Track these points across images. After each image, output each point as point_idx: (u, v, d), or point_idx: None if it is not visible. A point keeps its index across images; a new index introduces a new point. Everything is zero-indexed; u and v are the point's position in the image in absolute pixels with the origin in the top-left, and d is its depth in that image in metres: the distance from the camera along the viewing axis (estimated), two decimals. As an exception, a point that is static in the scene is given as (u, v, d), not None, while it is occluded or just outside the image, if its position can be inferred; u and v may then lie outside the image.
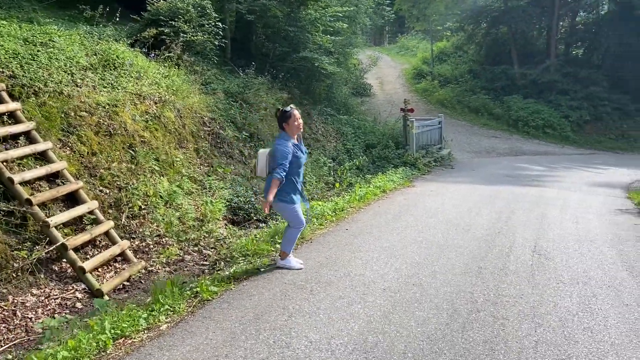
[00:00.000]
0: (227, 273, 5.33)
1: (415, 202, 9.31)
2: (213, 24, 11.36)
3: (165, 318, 4.36)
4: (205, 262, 6.65)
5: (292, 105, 5.42)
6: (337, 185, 10.90)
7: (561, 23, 27.53)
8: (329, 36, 14.57)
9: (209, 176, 8.71)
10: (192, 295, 4.76)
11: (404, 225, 7.47)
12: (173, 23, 10.45)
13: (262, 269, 5.50)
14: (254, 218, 8.35)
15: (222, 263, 6.17)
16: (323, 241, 6.65)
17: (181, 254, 6.82)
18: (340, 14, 14.69)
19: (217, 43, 11.47)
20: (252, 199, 8.53)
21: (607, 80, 24.15)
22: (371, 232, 7.07)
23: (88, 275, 5.60)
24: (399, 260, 5.84)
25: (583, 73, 24.45)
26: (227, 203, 8.30)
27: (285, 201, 5.30)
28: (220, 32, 11.55)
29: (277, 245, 6.20)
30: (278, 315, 4.35)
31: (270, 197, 5.11)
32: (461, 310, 4.47)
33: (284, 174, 5.11)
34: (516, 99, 24.21)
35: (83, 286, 5.61)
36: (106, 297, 5.44)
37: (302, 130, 5.41)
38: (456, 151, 17.53)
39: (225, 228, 7.89)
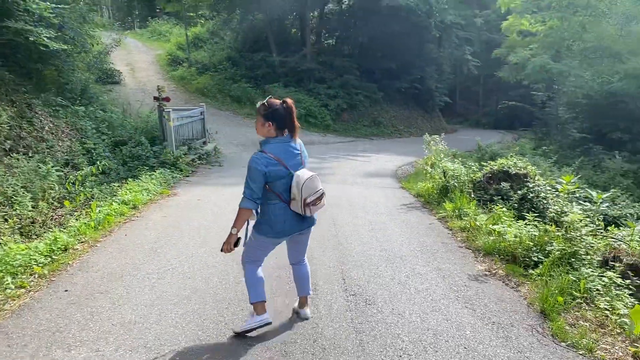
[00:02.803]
0: None
1: (177, 222, 6.81)
2: None
3: None
4: None
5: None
6: (67, 203, 7.70)
7: (311, 14, 27.47)
8: (49, 4, 10.85)
9: None
10: None
11: (161, 269, 4.95)
12: None
13: None
14: None
15: None
16: (14, 327, 3.74)
17: None
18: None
19: None
20: None
21: (359, 69, 24.78)
22: (107, 290, 4.38)
23: None
24: (151, 354, 3.36)
25: (337, 62, 24.65)
26: None
27: None
28: None
29: None
30: None
31: None
32: None
33: None
34: (277, 87, 23.15)
35: None
36: None
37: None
38: (223, 145, 15.41)
39: None
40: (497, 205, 6.95)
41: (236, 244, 3.44)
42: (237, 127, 18.98)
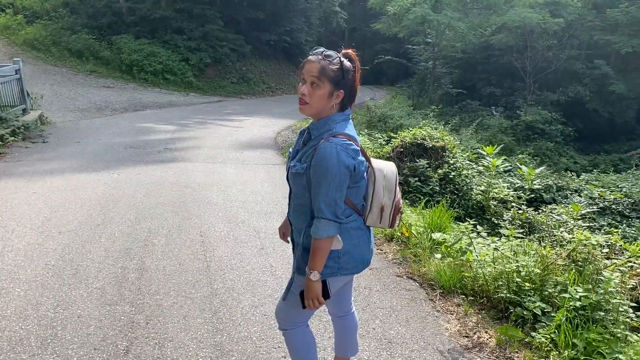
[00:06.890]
0: None
1: None
2: None
3: None
4: None
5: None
6: None
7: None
8: None
9: None
10: None
11: None
12: None
13: None
14: None
15: None
16: None
17: None
18: None
19: None
20: None
21: (222, 19, 21.47)
22: None
23: None
24: None
25: (197, 10, 21.06)
26: None
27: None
28: None
29: None
30: None
31: None
32: None
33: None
34: (127, 39, 19.19)
35: None
36: None
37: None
38: (54, 112, 11.77)
39: None
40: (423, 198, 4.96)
41: (325, 294, 1.89)
42: (76, 88, 15.06)
